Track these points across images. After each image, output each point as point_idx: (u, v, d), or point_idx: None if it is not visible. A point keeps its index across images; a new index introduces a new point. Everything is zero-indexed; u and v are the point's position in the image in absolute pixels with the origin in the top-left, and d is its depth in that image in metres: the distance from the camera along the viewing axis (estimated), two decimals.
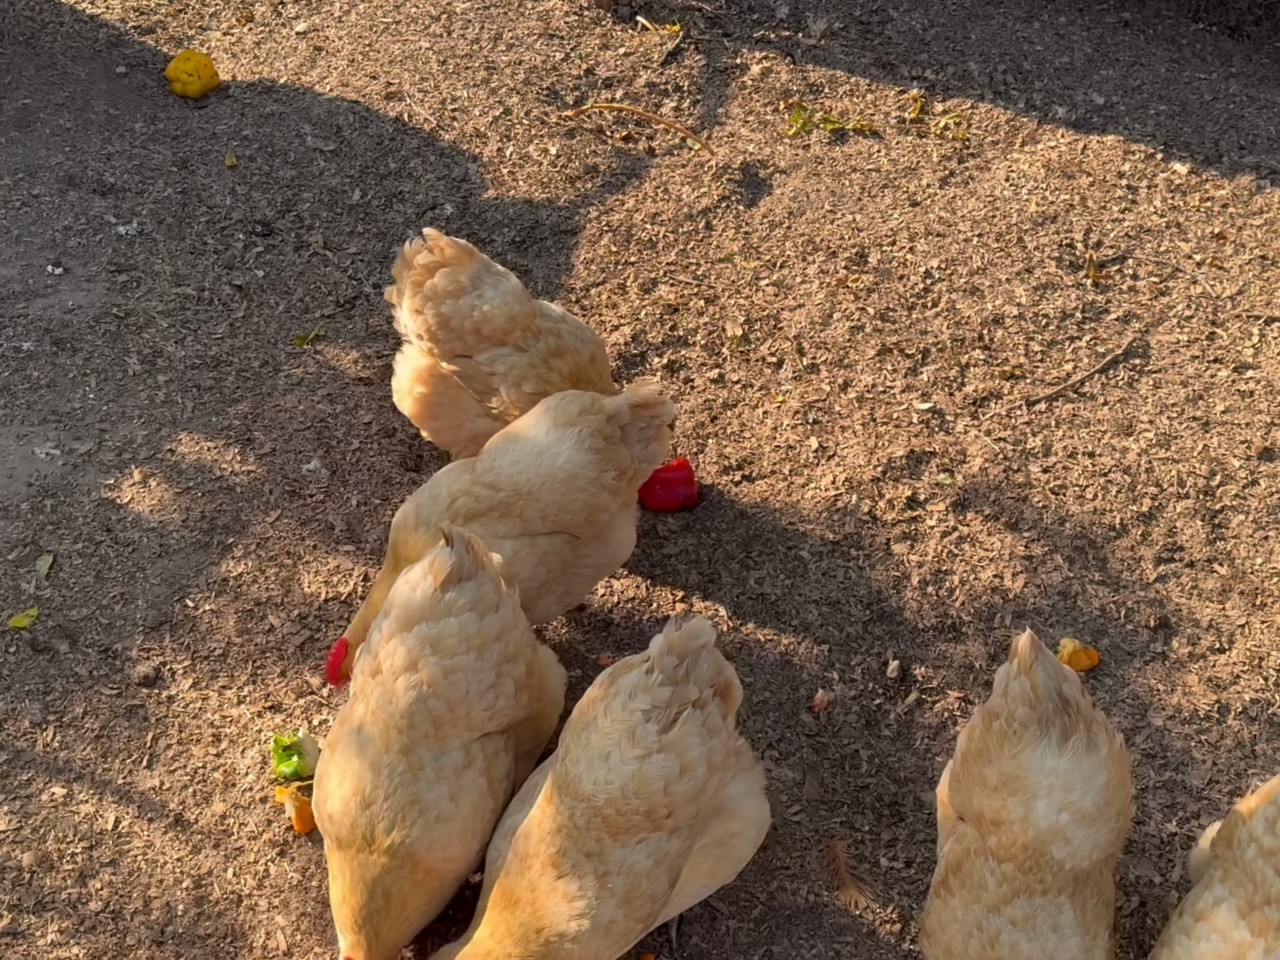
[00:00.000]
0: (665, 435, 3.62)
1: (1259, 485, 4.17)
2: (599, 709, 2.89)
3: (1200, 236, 4.92)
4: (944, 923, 2.88)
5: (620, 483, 3.53)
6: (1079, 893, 2.84)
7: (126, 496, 4.20)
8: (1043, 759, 2.85)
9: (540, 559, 3.47)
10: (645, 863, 2.86)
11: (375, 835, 3.03)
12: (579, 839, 2.85)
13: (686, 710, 2.83)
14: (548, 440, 3.47)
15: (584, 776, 2.85)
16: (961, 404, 4.42)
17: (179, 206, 5.08)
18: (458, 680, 3.03)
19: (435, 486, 3.55)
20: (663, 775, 2.81)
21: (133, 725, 3.69)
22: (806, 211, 5.07)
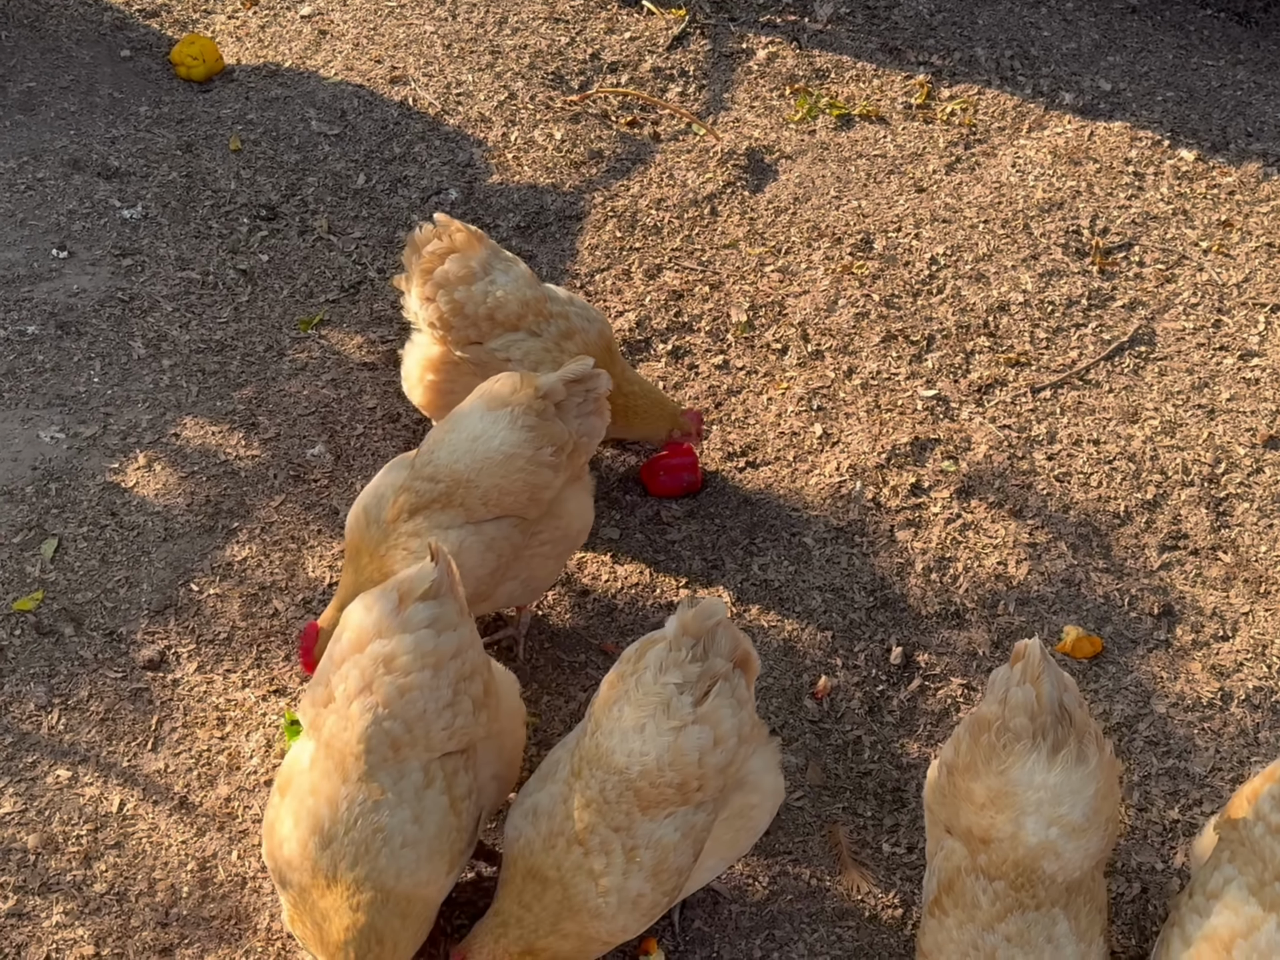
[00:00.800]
0: (604, 408, 3.62)
1: (1264, 473, 4.17)
2: (630, 683, 2.89)
3: (1207, 224, 4.91)
4: (940, 943, 2.87)
5: (560, 458, 3.50)
6: (1072, 903, 2.82)
7: (131, 480, 4.20)
8: (1031, 774, 2.82)
9: (488, 545, 3.46)
10: (673, 836, 2.88)
11: (338, 874, 2.87)
12: (608, 814, 2.85)
13: (719, 683, 2.87)
14: (482, 425, 3.46)
15: (617, 749, 2.85)
16: (966, 391, 4.42)
17: (184, 190, 5.07)
18: (414, 699, 2.91)
19: (379, 485, 3.53)
20: (698, 746, 2.84)
21: (138, 708, 3.70)
22: (812, 197, 5.06)
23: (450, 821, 2.98)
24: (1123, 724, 3.62)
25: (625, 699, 2.90)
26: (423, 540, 3.38)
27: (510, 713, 3.24)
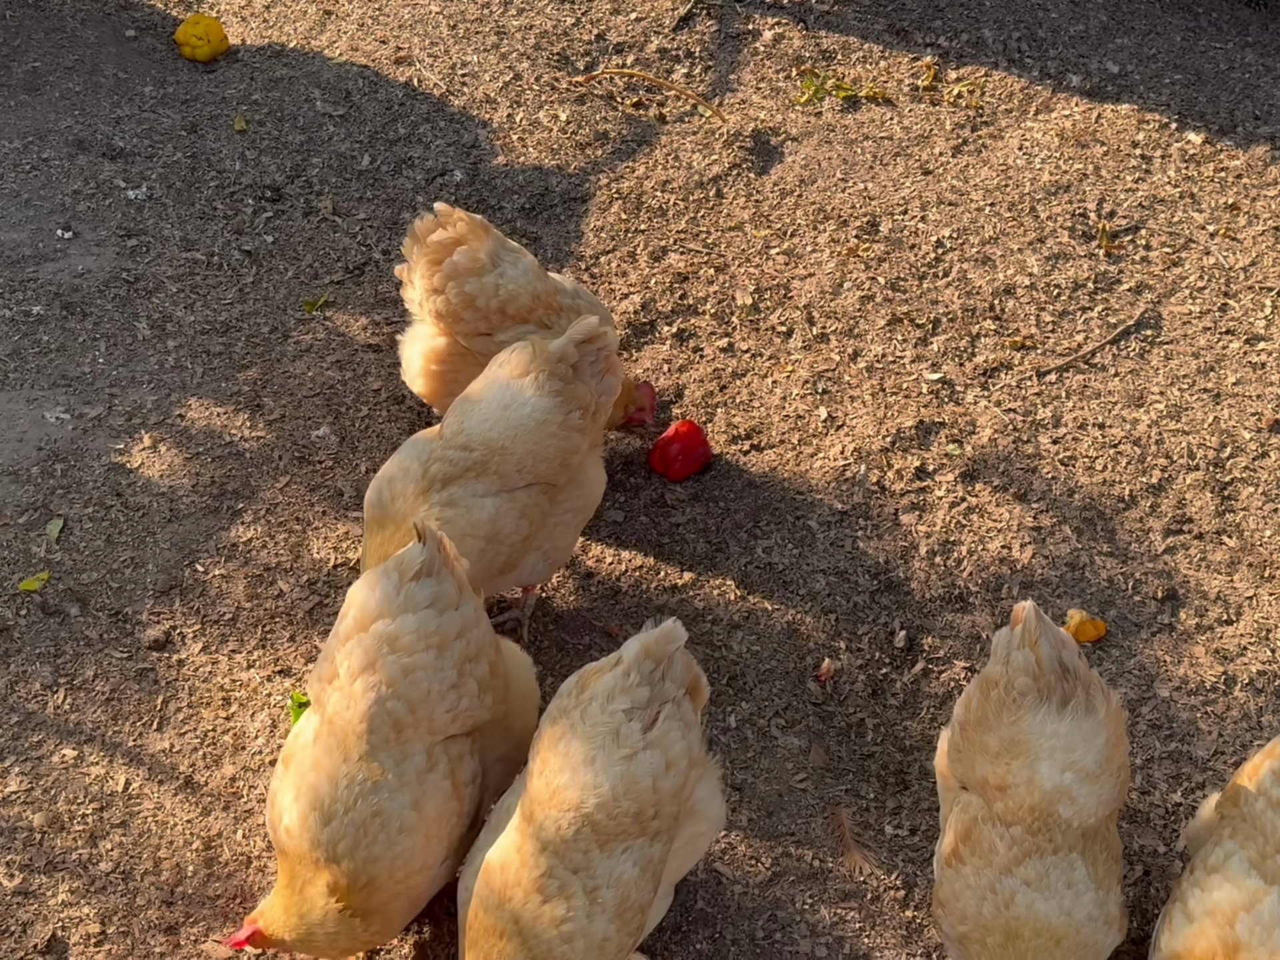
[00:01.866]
0: (617, 365, 3.64)
1: (1269, 457, 4.16)
2: (574, 716, 2.83)
3: (1214, 207, 4.89)
4: (957, 891, 2.90)
5: (586, 420, 3.54)
6: (1089, 849, 2.87)
7: (136, 461, 4.21)
8: (1043, 723, 2.88)
9: (522, 512, 3.48)
10: (632, 871, 2.81)
11: (337, 855, 2.89)
12: (566, 854, 2.77)
13: (667, 707, 2.83)
14: (509, 393, 3.47)
15: (569, 784, 2.78)
16: (971, 374, 4.41)
17: (188, 171, 5.06)
18: (418, 679, 2.90)
19: (402, 460, 3.51)
20: (651, 772, 2.78)
21: (143, 688, 3.72)
22: (818, 180, 5.05)
23: (452, 807, 2.98)
24: (1126, 707, 3.62)
25: (571, 733, 2.81)
26: (458, 510, 3.40)
27: (521, 694, 3.23)
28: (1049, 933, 2.82)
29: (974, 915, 2.87)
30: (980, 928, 2.86)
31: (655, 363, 4.47)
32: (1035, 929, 2.82)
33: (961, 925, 2.89)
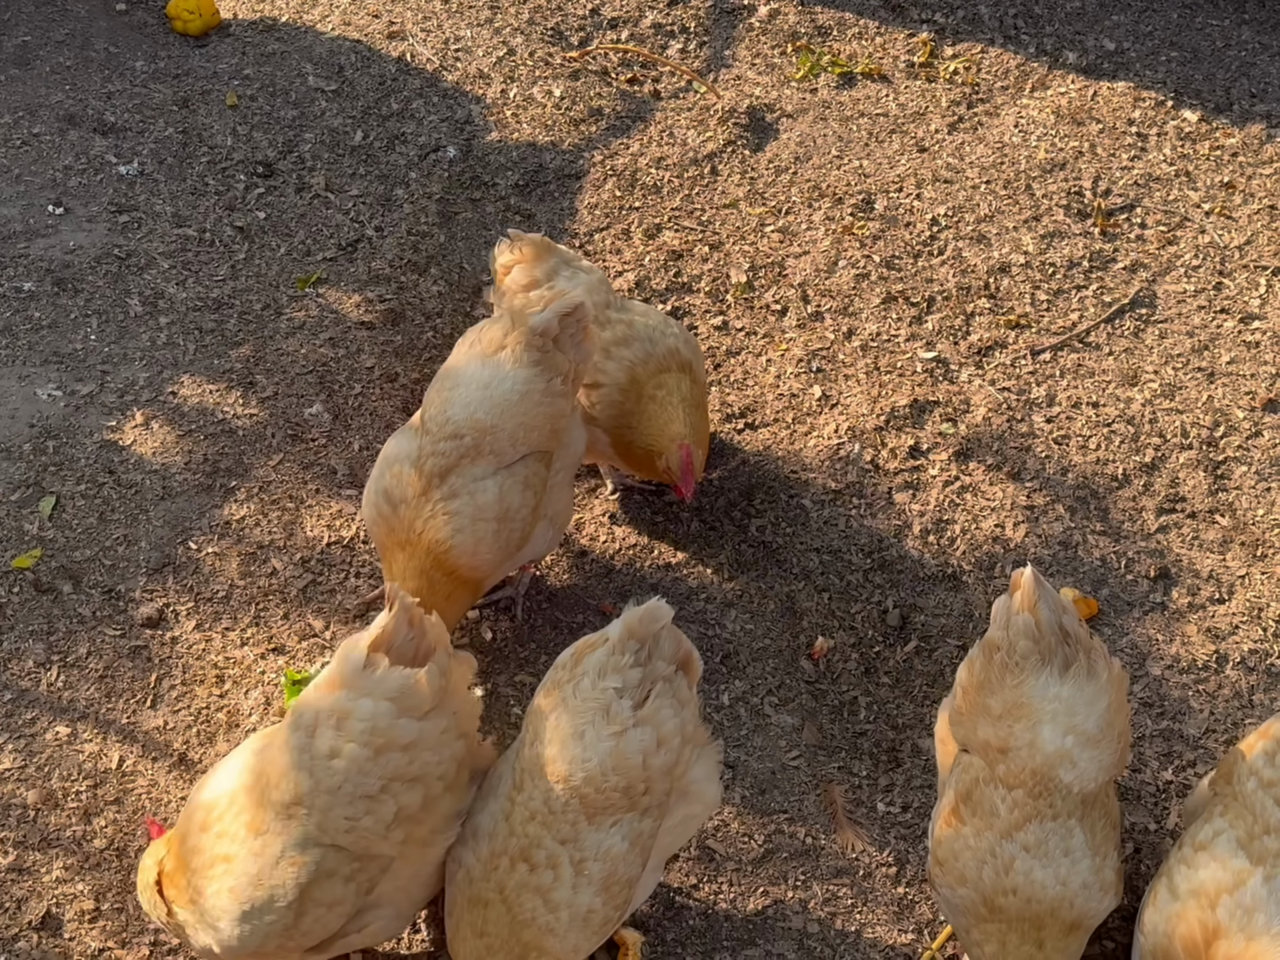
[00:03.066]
0: (592, 333, 3.63)
1: (1262, 436, 4.16)
2: (567, 690, 2.83)
3: (1209, 185, 4.88)
4: (956, 851, 2.91)
5: (567, 386, 3.54)
6: (1088, 815, 2.89)
7: (128, 438, 4.19)
8: (1046, 686, 2.90)
9: (525, 484, 3.48)
10: (620, 845, 2.81)
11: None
12: (554, 825, 2.78)
13: (658, 685, 2.84)
14: (488, 372, 3.46)
15: (558, 757, 2.79)
16: (966, 353, 4.40)
17: (180, 146, 5.03)
18: (335, 768, 2.74)
19: (391, 464, 3.47)
20: (641, 749, 2.79)
21: (136, 666, 3.72)
22: (813, 157, 5.03)
23: (286, 920, 2.81)
24: None
25: (562, 706, 2.82)
26: (462, 500, 3.38)
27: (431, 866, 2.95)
28: (1043, 907, 2.83)
29: (973, 878, 2.88)
30: (980, 897, 2.87)
31: None
32: (1022, 932, 2.83)
33: (961, 888, 2.90)
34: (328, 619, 3.81)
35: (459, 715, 2.87)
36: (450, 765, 2.84)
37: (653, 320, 3.92)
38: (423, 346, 4.43)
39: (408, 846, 2.85)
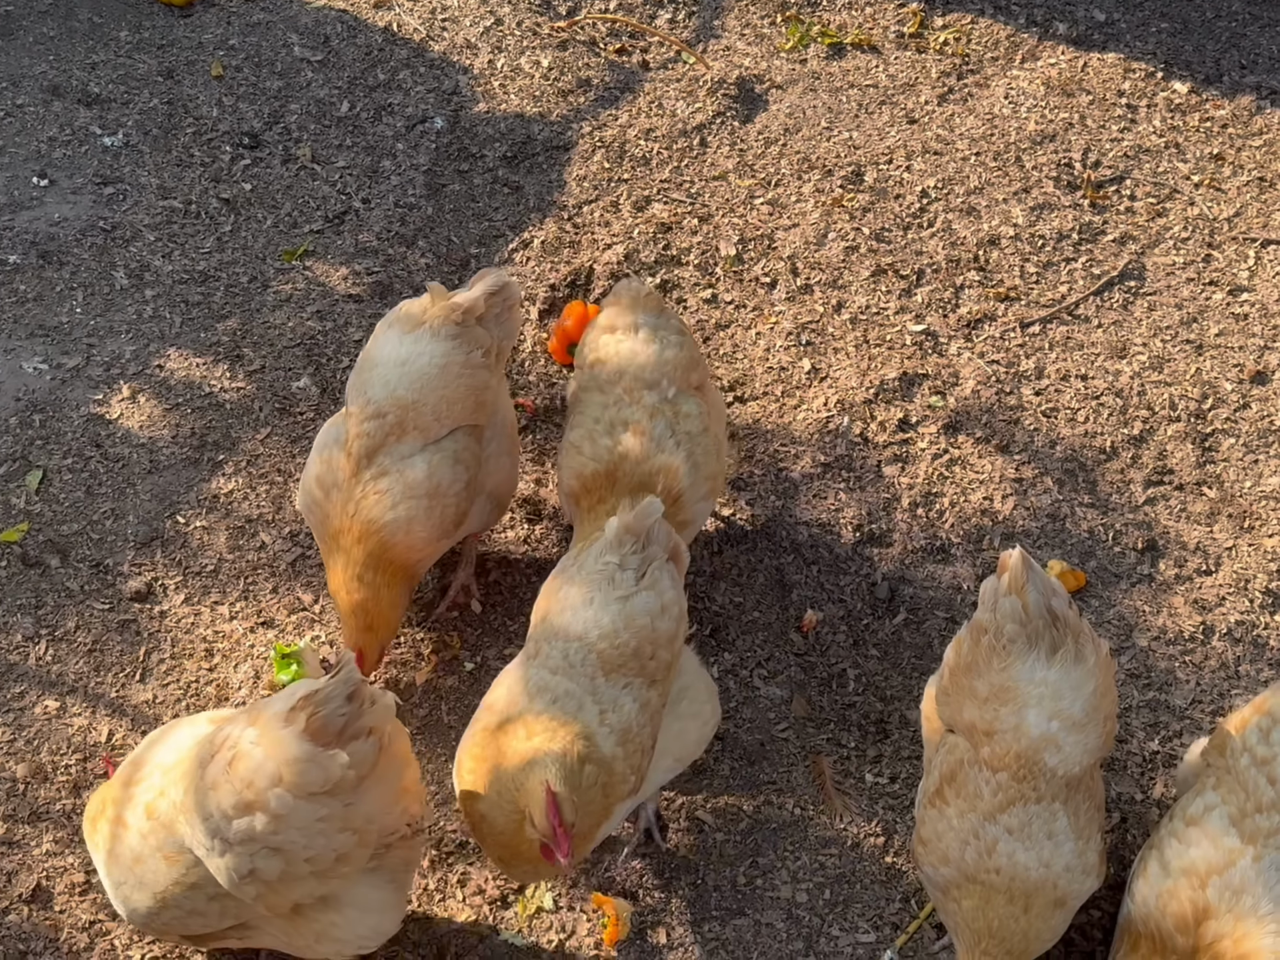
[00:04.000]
0: (517, 311, 3.66)
1: (1250, 409, 4.17)
2: (570, 571, 3.04)
3: (1199, 157, 4.87)
4: (940, 831, 2.93)
5: (490, 359, 3.54)
6: (1071, 798, 2.89)
7: (115, 412, 4.18)
8: (1032, 670, 2.90)
9: (455, 459, 3.47)
10: (632, 706, 2.94)
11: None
12: (575, 677, 2.92)
13: (656, 560, 3.02)
14: (405, 348, 3.46)
15: (572, 622, 2.96)
16: (955, 326, 4.40)
17: (165, 118, 4.99)
18: (210, 799, 2.67)
19: (324, 449, 3.47)
20: (647, 610, 2.96)
21: (125, 639, 3.71)
22: (802, 128, 5.00)
23: (147, 904, 2.84)
24: None
25: (568, 583, 3.02)
26: (391, 478, 3.37)
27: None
28: (1024, 894, 2.84)
29: (956, 859, 2.90)
30: (964, 877, 2.89)
31: None
32: (1010, 894, 2.84)
33: (944, 868, 2.92)
34: (317, 592, 3.80)
35: (355, 809, 2.67)
36: (325, 854, 2.67)
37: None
38: None
39: (268, 905, 2.76)
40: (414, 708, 3.60)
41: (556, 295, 4.47)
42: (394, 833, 2.79)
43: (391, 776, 2.73)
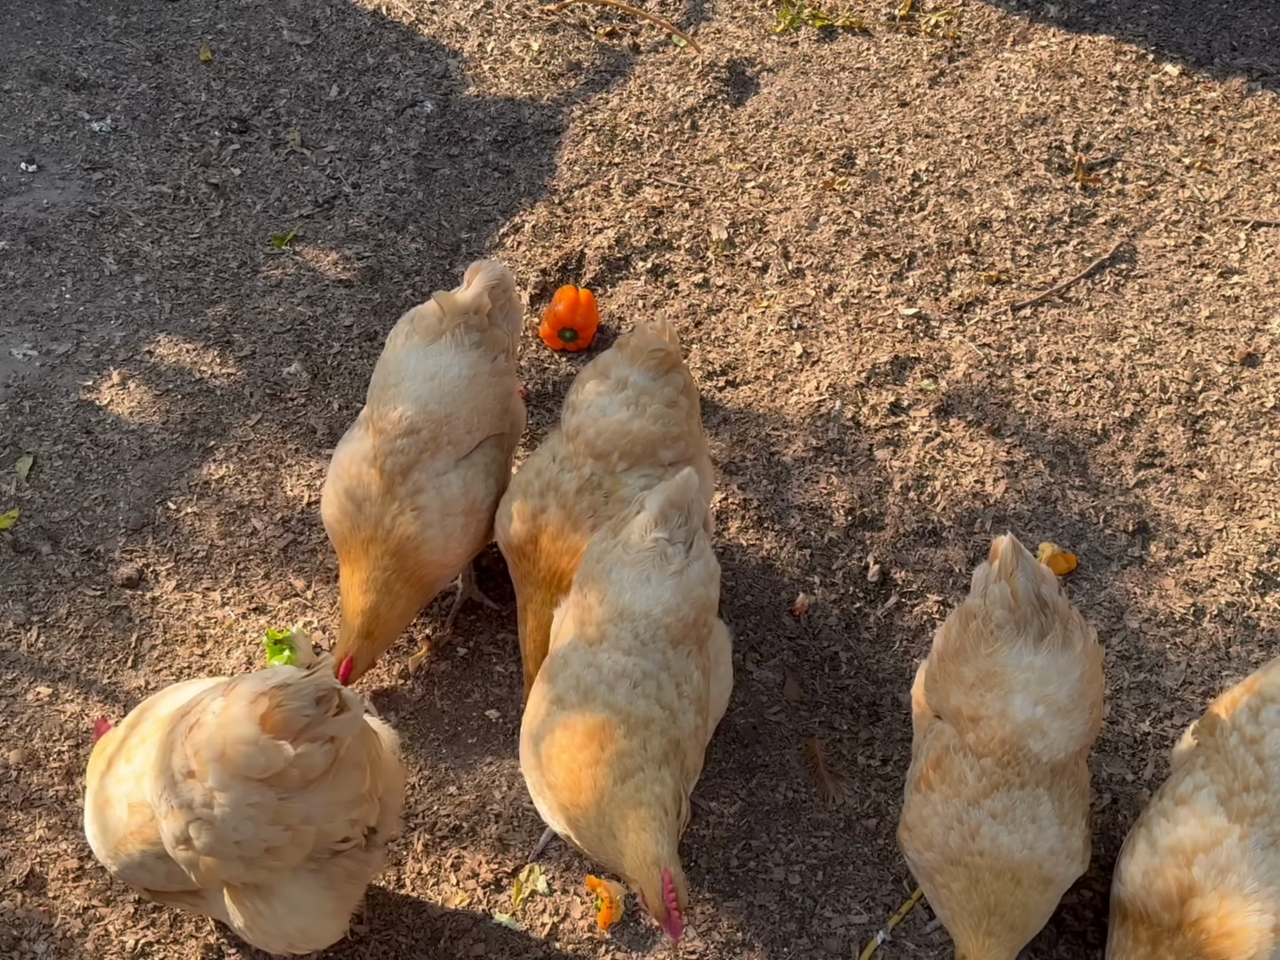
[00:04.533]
0: (517, 300, 3.64)
1: (1241, 391, 4.18)
2: (615, 554, 3.01)
3: (1190, 139, 4.87)
4: (925, 817, 2.94)
5: (510, 362, 3.54)
6: (1056, 784, 2.90)
7: (105, 398, 4.16)
8: (1019, 656, 2.90)
9: (486, 472, 3.46)
10: (697, 673, 3.01)
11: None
12: (648, 655, 2.95)
13: (698, 531, 3.06)
14: (432, 361, 3.41)
15: (633, 602, 2.98)
16: (947, 309, 4.40)
17: (153, 102, 4.97)
18: (166, 760, 2.69)
19: (351, 464, 3.40)
20: (702, 580, 3.03)
21: (117, 626, 3.71)
22: (794, 112, 4.99)
23: (105, 853, 2.93)
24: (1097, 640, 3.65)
25: (617, 565, 3.01)
26: (428, 494, 3.35)
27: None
28: (1010, 870, 2.85)
29: (940, 843, 2.90)
30: (947, 861, 2.89)
31: (630, 299, 4.44)
32: (996, 870, 2.85)
33: (928, 852, 2.93)
34: (309, 578, 3.80)
35: (291, 807, 2.62)
36: (253, 841, 2.64)
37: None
38: (401, 304, 4.40)
39: (198, 875, 2.75)
40: (408, 693, 3.60)
41: (548, 280, 4.46)
42: (343, 841, 2.75)
43: (343, 785, 2.68)
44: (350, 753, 2.66)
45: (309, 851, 2.70)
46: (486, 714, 3.56)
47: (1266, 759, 2.82)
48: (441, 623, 3.73)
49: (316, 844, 2.69)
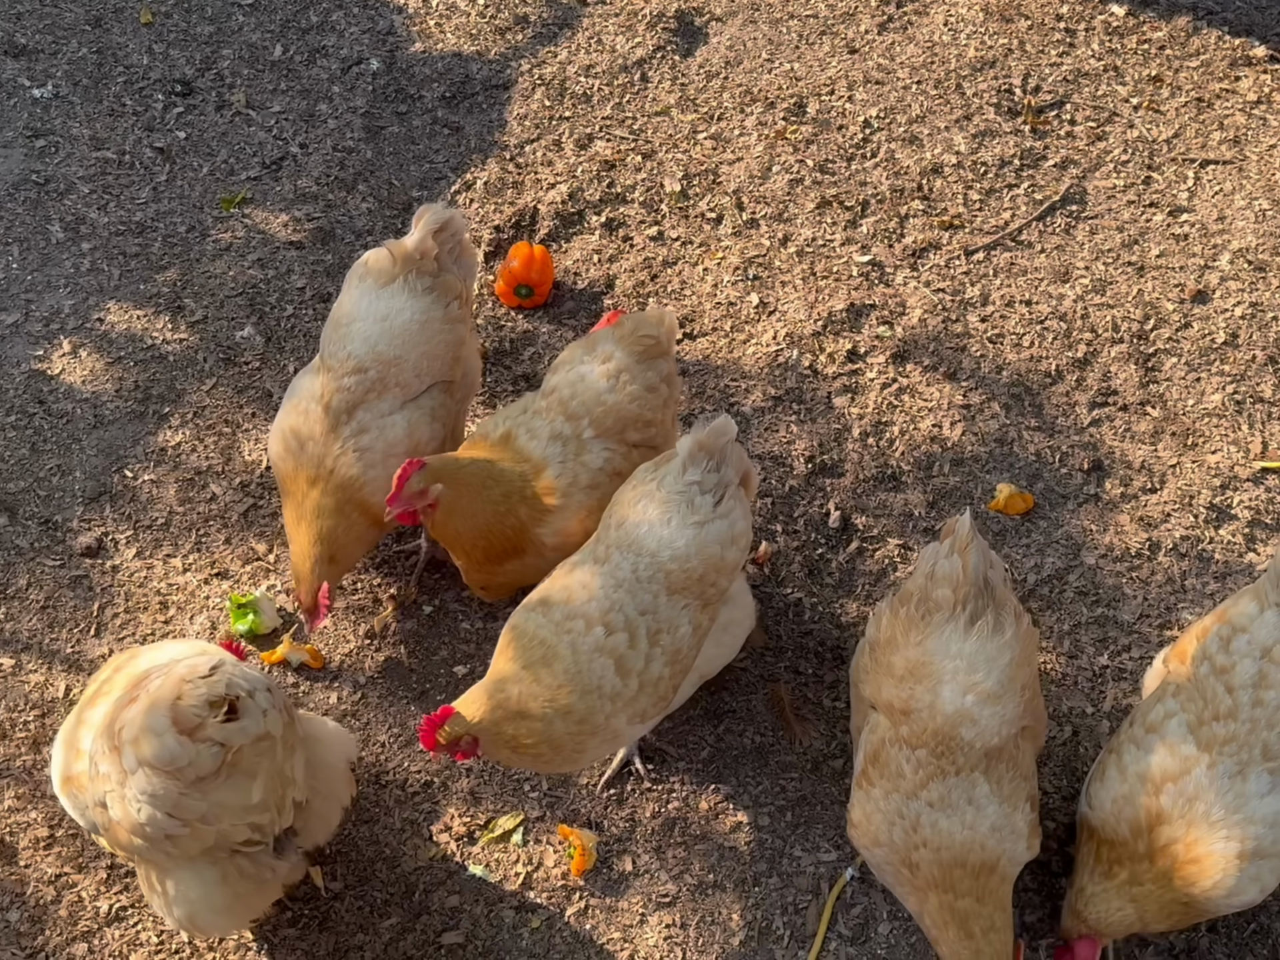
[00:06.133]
0: (469, 245, 3.63)
1: (1192, 328, 4.22)
2: (650, 485, 3.03)
3: (1137, 80, 4.89)
4: (868, 813, 2.92)
5: (463, 310, 3.53)
6: (993, 768, 2.87)
7: (57, 368, 4.12)
8: (947, 644, 2.88)
9: (432, 416, 3.47)
10: (686, 628, 3.02)
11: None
12: (638, 593, 2.96)
13: (732, 487, 3.05)
14: (384, 304, 3.43)
15: (647, 537, 2.99)
16: (901, 255, 4.41)
17: (95, 67, 4.89)
18: (87, 742, 2.78)
19: (300, 400, 3.43)
20: (719, 539, 3.01)
21: (78, 595, 3.68)
22: (744, 61, 4.97)
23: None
24: (1053, 576, 3.71)
25: (649, 498, 3.02)
26: (371, 435, 3.36)
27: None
28: (955, 856, 2.82)
29: (886, 840, 2.89)
30: (897, 857, 2.88)
31: (585, 253, 4.43)
32: (943, 861, 2.82)
33: (876, 848, 2.92)
34: (270, 542, 3.79)
35: (188, 802, 2.63)
36: (152, 825, 2.66)
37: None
38: None
39: (106, 839, 2.83)
40: (374, 652, 3.60)
41: (502, 237, 4.44)
42: (246, 843, 2.74)
43: (234, 791, 2.67)
44: (243, 759, 2.64)
45: (208, 846, 2.70)
46: (454, 670, 3.57)
47: (1236, 688, 2.85)
48: (406, 582, 3.73)
49: (217, 841, 2.69)
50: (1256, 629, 2.89)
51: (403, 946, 3.14)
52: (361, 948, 3.14)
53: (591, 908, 3.21)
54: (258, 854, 2.78)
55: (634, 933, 3.18)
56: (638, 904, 3.22)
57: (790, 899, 3.22)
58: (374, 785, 3.37)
